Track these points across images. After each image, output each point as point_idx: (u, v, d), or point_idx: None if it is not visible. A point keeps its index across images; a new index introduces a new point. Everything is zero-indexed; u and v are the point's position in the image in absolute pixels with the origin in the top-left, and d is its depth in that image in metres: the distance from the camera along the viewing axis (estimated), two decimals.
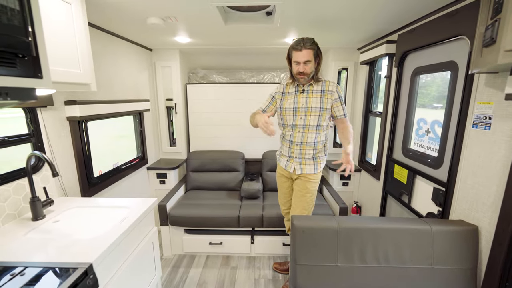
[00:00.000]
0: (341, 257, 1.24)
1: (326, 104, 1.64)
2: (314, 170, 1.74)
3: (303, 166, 1.75)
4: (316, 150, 1.71)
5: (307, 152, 1.72)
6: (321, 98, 1.64)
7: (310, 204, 1.79)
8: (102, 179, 1.91)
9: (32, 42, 0.80)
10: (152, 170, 2.69)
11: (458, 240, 1.23)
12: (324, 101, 1.64)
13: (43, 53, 0.85)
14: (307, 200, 1.77)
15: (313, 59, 1.58)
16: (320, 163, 1.75)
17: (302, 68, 1.58)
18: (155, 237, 1.50)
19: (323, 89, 1.64)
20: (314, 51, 1.57)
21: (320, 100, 1.64)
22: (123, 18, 1.66)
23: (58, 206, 1.40)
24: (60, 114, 1.53)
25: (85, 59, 1.26)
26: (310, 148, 1.70)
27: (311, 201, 1.78)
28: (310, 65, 1.58)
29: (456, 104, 1.41)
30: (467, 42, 1.32)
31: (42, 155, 1.17)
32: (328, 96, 1.64)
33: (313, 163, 1.74)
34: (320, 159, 1.75)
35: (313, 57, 1.58)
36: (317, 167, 1.74)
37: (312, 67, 1.59)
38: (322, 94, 1.64)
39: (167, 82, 2.80)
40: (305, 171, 1.75)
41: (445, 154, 1.49)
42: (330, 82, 1.66)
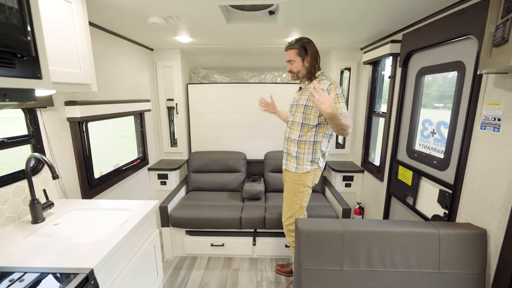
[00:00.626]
0: (346, 261, 1.22)
1: (312, 102, 1.55)
2: (296, 170, 1.71)
3: (288, 162, 1.78)
4: (300, 149, 1.68)
5: (291, 149, 1.73)
6: (309, 96, 1.61)
7: (294, 206, 1.76)
8: (103, 180, 1.89)
9: (31, 42, 0.77)
10: (153, 170, 2.67)
11: (466, 244, 1.20)
12: (311, 99, 1.57)
13: (42, 53, 0.83)
14: (290, 201, 1.77)
15: (297, 58, 1.64)
16: (302, 164, 1.69)
17: (288, 67, 1.70)
18: (157, 240, 1.48)
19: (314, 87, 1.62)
20: (297, 50, 1.63)
21: (307, 98, 1.64)
22: (124, 17, 1.63)
23: (58, 208, 1.38)
24: (60, 114, 1.50)
25: (86, 59, 1.24)
26: (294, 146, 1.71)
27: (295, 203, 1.75)
28: (294, 64, 1.66)
29: (463, 104, 1.38)
30: (474, 42, 1.30)
31: (42, 157, 1.15)
32: None
33: (295, 162, 1.72)
34: (304, 160, 1.68)
35: (296, 56, 1.63)
36: (299, 167, 1.70)
37: (298, 65, 1.65)
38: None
39: (168, 82, 2.78)
40: (288, 168, 1.76)
41: (452, 155, 1.46)
42: (325, 81, 1.60)
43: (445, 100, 1.70)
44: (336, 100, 1.53)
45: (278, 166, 2.77)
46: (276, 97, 2.87)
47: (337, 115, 1.42)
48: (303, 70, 1.66)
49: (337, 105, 1.55)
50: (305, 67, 1.65)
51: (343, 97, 1.58)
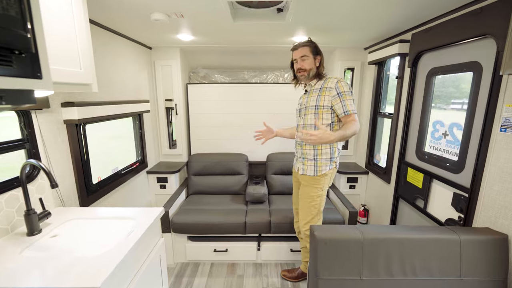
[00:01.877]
0: (365, 270, 1.17)
1: (323, 101, 1.58)
2: (314, 173, 1.68)
3: (305, 166, 1.73)
4: (317, 150, 1.66)
5: (307, 152, 1.70)
6: (318, 95, 1.61)
7: (313, 210, 1.72)
8: (102, 186, 1.79)
9: (31, 37, 0.68)
10: (152, 174, 2.57)
11: (487, 250, 1.17)
12: (321, 98, 1.59)
13: (42, 49, 0.74)
14: (308, 206, 1.73)
15: (310, 55, 1.62)
16: (321, 165, 1.66)
17: (299, 64, 1.64)
18: (162, 250, 1.39)
19: (322, 87, 1.61)
20: (311, 48, 1.61)
21: (317, 98, 1.61)
22: (125, 13, 1.54)
23: (56, 218, 1.28)
24: (57, 117, 1.40)
25: (86, 57, 1.15)
26: (310, 148, 1.68)
27: (313, 207, 1.71)
28: (307, 60, 1.62)
29: (480, 106, 1.35)
30: (493, 42, 1.26)
31: (39, 163, 1.05)
32: (325, 93, 1.58)
33: (313, 165, 1.68)
34: (322, 161, 1.66)
35: (310, 53, 1.62)
36: (317, 169, 1.67)
37: (311, 63, 1.62)
38: (320, 92, 1.61)
39: (167, 82, 2.68)
40: (306, 172, 1.72)
41: (467, 158, 1.43)
42: (332, 78, 1.59)
43: (449, 100, 1.68)
44: (344, 97, 1.53)
45: (281, 168, 2.72)
46: (278, 98, 2.83)
47: (340, 135, 1.44)
48: (314, 69, 1.64)
49: (341, 104, 1.54)
50: (316, 66, 1.64)
51: (351, 93, 1.55)
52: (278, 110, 2.85)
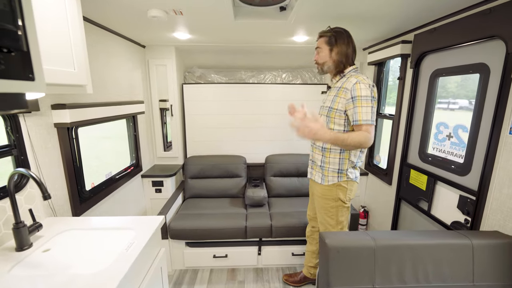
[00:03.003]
0: (378, 278, 1.13)
1: (337, 104, 1.39)
2: (321, 181, 1.53)
3: (313, 171, 1.62)
4: (325, 158, 1.49)
5: (316, 157, 1.56)
6: (334, 96, 1.43)
7: (330, 222, 1.56)
8: (95, 192, 1.69)
9: (22, 33, 0.60)
10: (147, 178, 2.47)
11: (498, 254, 1.15)
12: (336, 100, 1.41)
13: (35, 47, 0.65)
14: (322, 216, 1.59)
15: (325, 47, 1.43)
16: (327, 175, 1.49)
17: (315, 57, 1.50)
18: (164, 261, 1.31)
19: (341, 86, 1.42)
20: (327, 38, 1.43)
21: (333, 98, 1.44)
22: (120, 9, 1.45)
23: (47, 230, 1.18)
24: (47, 120, 1.30)
25: (80, 56, 1.06)
26: (319, 153, 1.53)
27: (330, 218, 1.55)
28: (321, 53, 1.45)
29: (487, 108, 1.34)
30: (501, 44, 1.25)
31: (30, 173, 0.96)
32: (340, 94, 1.39)
33: (321, 172, 1.53)
34: (329, 171, 1.48)
35: (325, 45, 1.43)
36: (324, 179, 1.51)
37: (325, 56, 1.44)
38: (337, 92, 1.43)
39: (162, 82, 2.58)
40: (314, 178, 1.60)
41: (474, 160, 1.42)
42: (352, 78, 1.36)
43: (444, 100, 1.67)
44: (358, 102, 1.32)
45: (280, 170, 2.67)
46: (276, 98, 2.78)
47: (336, 138, 1.28)
48: (329, 62, 1.44)
49: (353, 110, 1.34)
50: (332, 60, 1.43)
51: (370, 100, 1.32)
52: (276, 111, 2.80)
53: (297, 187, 2.64)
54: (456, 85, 1.73)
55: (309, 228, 1.91)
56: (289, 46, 2.45)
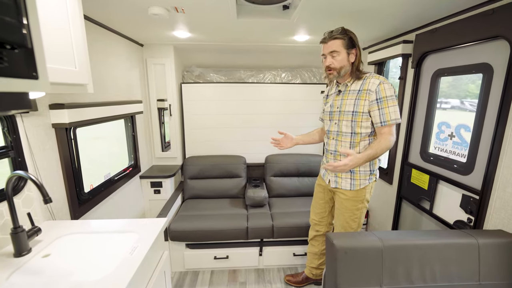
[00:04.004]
0: (386, 279, 1.13)
1: (362, 107, 1.37)
2: (351, 186, 1.50)
3: (338, 179, 1.54)
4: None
5: None
6: (356, 99, 1.40)
7: (352, 225, 1.55)
8: (94, 194, 1.64)
9: (26, 29, 0.57)
10: (145, 178, 2.43)
11: (503, 253, 1.16)
12: (360, 103, 1.38)
13: (38, 44, 0.62)
14: (347, 220, 1.56)
15: (343, 50, 1.36)
16: (359, 179, 1.47)
17: (328, 62, 1.40)
18: (167, 265, 1.29)
19: (361, 89, 1.39)
20: (343, 41, 1.36)
21: (354, 102, 1.40)
22: (121, 6, 1.41)
23: (46, 234, 1.14)
24: (45, 120, 1.25)
25: (81, 55, 1.02)
26: None
27: (353, 221, 1.55)
28: (338, 57, 1.37)
29: (491, 108, 1.34)
30: (504, 44, 1.26)
31: (29, 175, 0.92)
32: (364, 97, 1.36)
33: (349, 178, 1.49)
34: (361, 175, 1.47)
35: (342, 48, 1.36)
36: (355, 183, 1.49)
37: (343, 60, 1.38)
38: (358, 95, 1.39)
39: (160, 81, 2.54)
40: (340, 186, 1.54)
41: (477, 159, 1.42)
42: (373, 80, 1.36)
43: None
44: (384, 103, 1.33)
45: (281, 170, 2.66)
46: (276, 98, 2.76)
47: (370, 157, 1.35)
48: (348, 66, 1.39)
49: (378, 112, 1.35)
50: (350, 63, 1.40)
51: (394, 98, 1.34)
52: (276, 111, 2.79)
53: (297, 187, 2.63)
54: (447, 85, 1.75)
55: (312, 232, 1.87)
56: (289, 45, 2.44)
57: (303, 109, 2.80)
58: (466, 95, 1.74)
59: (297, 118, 2.81)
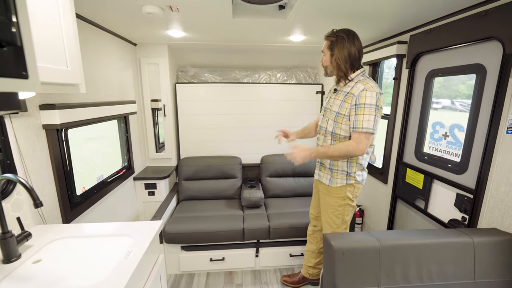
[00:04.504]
0: (383, 278, 1.13)
1: (345, 109, 1.41)
2: (329, 182, 1.56)
3: (321, 173, 1.64)
4: (334, 160, 1.52)
5: (325, 160, 1.58)
6: (342, 101, 1.44)
7: (336, 220, 1.58)
8: (87, 197, 1.60)
9: (15, 26, 0.54)
10: (139, 180, 2.39)
11: (498, 251, 1.18)
12: (344, 105, 1.42)
13: (28, 42, 0.60)
14: (329, 215, 1.60)
15: (327, 52, 1.47)
16: (336, 178, 1.52)
17: (321, 59, 1.55)
18: (163, 268, 1.26)
19: (348, 91, 1.42)
20: (329, 43, 1.46)
21: (340, 103, 1.45)
22: (114, 4, 1.38)
23: (37, 239, 1.10)
24: (35, 121, 1.22)
25: (73, 53, 0.99)
26: None
27: (336, 217, 1.57)
28: (324, 57, 1.51)
29: (484, 108, 1.36)
30: (497, 45, 1.28)
31: (19, 178, 0.89)
32: (348, 100, 1.40)
33: (329, 174, 1.56)
34: (338, 173, 1.52)
35: (327, 49, 1.47)
36: (332, 180, 1.54)
37: (327, 60, 1.49)
38: (345, 97, 1.43)
39: (154, 81, 2.51)
40: (321, 179, 1.63)
41: (471, 159, 1.44)
42: (359, 85, 1.37)
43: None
44: (360, 110, 1.34)
45: (276, 170, 2.65)
46: (271, 98, 2.76)
47: (323, 153, 1.42)
48: (330, 67, 1.47)
49: (355, 117, 1.36)
50: (332, 65, 1.45)
51: (373, 108, 1.33)
52: (271, 111, 2.78)
53: (293, 187, 2.63)
54: (439, 86, 1.78)
55: (310, 227, 1.90)
56: (285, 45, 2.43)
57: (298, 109, 2.81)
58: (457, 95, 1.78)
59: (293, 118, 2.81)
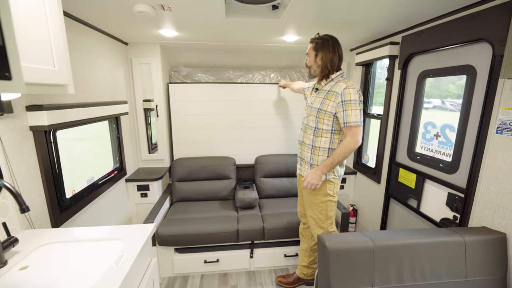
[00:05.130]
0: (377, 278, 1.13)
1: (326, 106, 1.51)
2: None
3: (302, 168, 1.71)
4: (314, 155, 1.59)
5: (305, 154, 1.65)
6: (324, 98, 1.54)
7: (320, 217, 1.64)
8: (77, 200, 1.56)
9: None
10: (131, 182, 2.35)
11: (488, 249, 1.20)
12: (325, 102, 1.52)
13: (11, 42, 0.57)
14: (314, 211, 1.66)
15: (312, 53, 1.59)
16: None
17: (305, 60, 1.65)
18: (156, 272, 1.24)
19: (330, 89, 1.52)
20: (314, 45, 1.57)
21: (322, 101, 1.55)
22: (104, 2, 1.35)
23: (24, 244, 1.07)
24: (21, 123, 1.18)
25: (61, 53, 0.96)
26: (308, 151, 1.63)
27: (320, 213, 1.63)
28: (309, 58, 1.62)
29: (475, 108, 1.39)
30: (487, 46, 1.30)
31: (4, 183, 0.85)
32: (330, 97, 1.50)
33: (309, 169, 1.62)
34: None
35: (312, 50, 1.59)
36: None
37: (311, 60, 1.60)
38: (327, 95, 1.53)
39: (146, 81, 2.46)
40: (303, 173, 1.69)
41: (462, 159, 1.46)
42: (341, 83, 1.47)
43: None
44: (348, 106, 1.44)
45: (270, 171, 2.65)
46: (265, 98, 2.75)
47: (330, 164, 1.50)
48: (315, 67, 1.59)
49: (343, 113, 1.45)
50: (318, 65, 1.56)
51: (357, 103, 1.44)
52: (265, 111, 2.77)
53: (287, 187, 2.63)
54: (429, 86, 1.80)
55: (301, 225, 1.94)
56: (278, 45, 2.43)
57: (292, 109, 2.80)
58: (447, 95, 1.81)
59: (286, 118, 2.80)
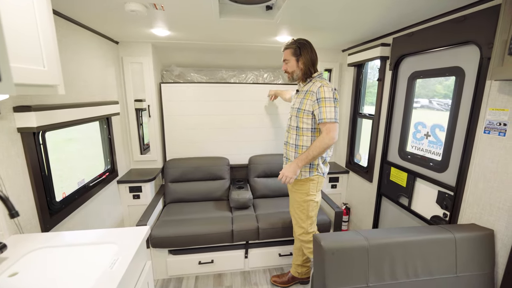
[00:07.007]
0: (372, 276, 1.15)
1: (305, 105, 1.58)
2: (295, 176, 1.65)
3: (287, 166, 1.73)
4: (298, 154, 1.64)
5: (290, 154, 1.70)
6: (302, 98, 1.61)
7: (301, 216, 1.71)
8: (67, 203, 1.53)
9: None
10: (123, 183, 2.31)
11: (477, 245, 1.24)
12: (304, 102, 1.59)
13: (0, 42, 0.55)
14: (295, 210, 1.74)
15: (291, 58, 1.61)
16: (301, 171, 1.63)
17: (283, 67, 1.67)
18: (150, 275, 1.22)
19: (307, 89, 1.59)
20: (292, 50, 1.60)
21: (301, 101, 1.62)
22: (95, 1, 1.32)
23: (13, 250, 1.03)
24: (9, 124, 1.14)
25: (51, 53, 0.93)
26: (292, 150, 1.68)
27: (301, 212, 1.70)
28: (289, 64, 1.63)
29: (463, 109, 1.43)
30: (475, 49, 1.34)
31: None
32: (308, 97, 1.57)
33: None
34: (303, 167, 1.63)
35: (291, 55, 1.61)
36: (298, 173, 1.62)
37: (292, 66, 1.62)
38: (305, 95, 1.59)
39: (138, 81, 2.42)
40: None
41: (451, 158, 1.51)
42: (317, 83, 1.55)
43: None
44: (322, 103, 1.50)
45: (264, 171, 2.65)
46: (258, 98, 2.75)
47: (305, 158, 1.53)
48: (298, 71, 1.62)
49: (319, 110, 1.50)
50: (300, 68, 1.61)
51: (333, 100, 1.50)
52: (258, 111, 2.77)
53: (281, 187, 2.63)
54: (417, 86, 1.85)
55: (292, 224, 1.94)
56: (272, 46, 2.43)
57: (286, 110, 2.81)
58: (434, 94, 1.86)
59: (280, 118, 2.81)
